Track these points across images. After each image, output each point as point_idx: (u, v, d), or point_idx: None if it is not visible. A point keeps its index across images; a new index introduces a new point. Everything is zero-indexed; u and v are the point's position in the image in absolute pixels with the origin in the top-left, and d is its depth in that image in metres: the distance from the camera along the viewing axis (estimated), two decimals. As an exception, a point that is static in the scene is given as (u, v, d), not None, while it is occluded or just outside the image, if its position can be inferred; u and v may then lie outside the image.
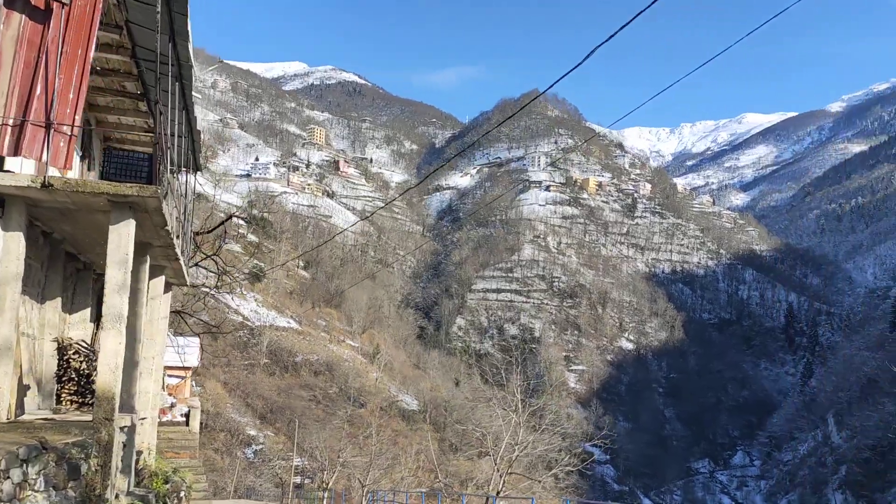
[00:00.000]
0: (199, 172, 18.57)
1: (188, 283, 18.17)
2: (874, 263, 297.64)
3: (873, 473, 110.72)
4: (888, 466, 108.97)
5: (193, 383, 38.12)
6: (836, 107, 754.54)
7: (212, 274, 25.27)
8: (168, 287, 17.88)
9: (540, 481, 29.90)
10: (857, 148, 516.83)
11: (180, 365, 30.76)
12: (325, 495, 37.42)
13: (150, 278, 15.19)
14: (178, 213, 17.36)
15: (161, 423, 27.32)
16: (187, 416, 28.15)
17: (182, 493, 15.22)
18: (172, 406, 28.25)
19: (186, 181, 18.36)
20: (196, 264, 20.44)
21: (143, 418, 14.61)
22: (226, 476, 68.46)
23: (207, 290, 28.18)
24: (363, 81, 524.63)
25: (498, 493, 25.02)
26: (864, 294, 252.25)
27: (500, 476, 25.64)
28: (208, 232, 21.25)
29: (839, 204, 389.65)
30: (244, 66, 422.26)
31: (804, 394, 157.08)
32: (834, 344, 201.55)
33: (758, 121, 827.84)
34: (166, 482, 14.55)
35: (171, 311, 22.17)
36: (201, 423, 75.92)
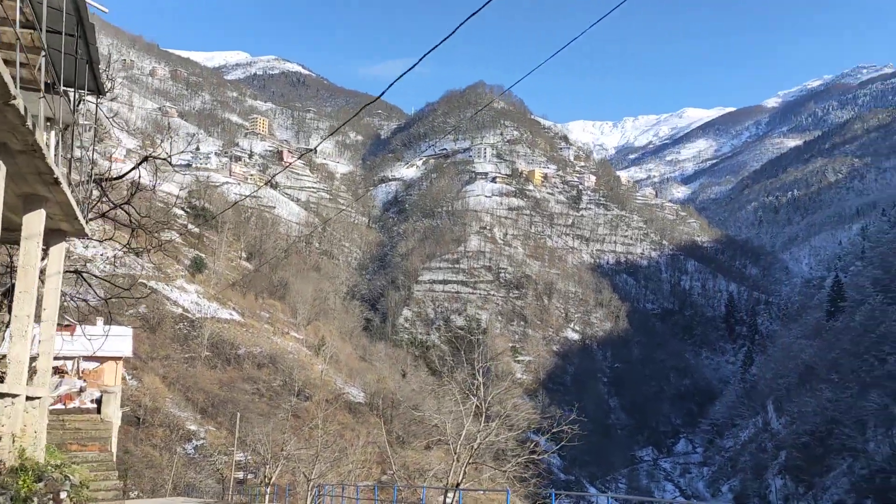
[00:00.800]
0: (100, 97, 16.10)
1: (85, 230, 15.28)
2: (809, 254, 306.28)
3: (812, 458, 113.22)
4: (826, 451, 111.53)
5: (127, 375, 35.92)
6: (772, 102, 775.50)
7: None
8: (59, 235, 15.02)
9: (505, 471, 28.63)
10: (792, 142, 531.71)
11: (106, 355, 28.56)
12: (268, 491, 35.53)
13: (25, 211, 12.42)
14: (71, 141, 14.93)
15: (67, 411, 24.96)
16: (99, 402, 25.06)
17: (64, 494, 12.11)
18: (82, 391, 25.22)
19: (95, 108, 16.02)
20: (103, 215, 17.60)
21: (11, 395, 11.47)
22: (165, 473, 65.99)
23: (119, 250, 24.86)
24: (307, 72, 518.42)
25: (458, 484, 23.71)
26: (801, 284, 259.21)
27: (462, 466, 24.26)
28: (118, 178, 18.34)
29: (776, 196, 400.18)
30: (184, 54, 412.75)
31: (745, 381, 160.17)
32: (772, 333, 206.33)
33: (698, 115, 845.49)
34: (39, 480, 11.56)
35: (73, 272, 19.16)
36: (137, 418, 73.04)
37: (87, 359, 29.56)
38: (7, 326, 13.44)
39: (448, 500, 23.55)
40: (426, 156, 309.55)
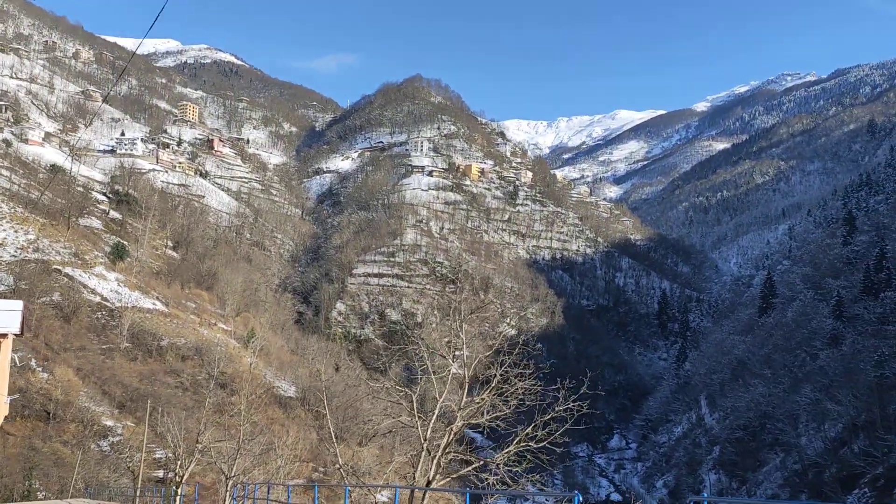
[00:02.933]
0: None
1: None
2: (737, 253, 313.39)
3: (745, 452, 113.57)
4: (760, 446, 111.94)
5: (15, 359, 31.26)
6: (701, 106, 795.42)
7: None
8: None
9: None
10: (721, 145, 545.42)
11: None
12: (178, 491, 30.95)
13: None
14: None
15: None
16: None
17: None
18: None
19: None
20: None
21: None
22: (76, 471, 60.69)
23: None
24: (240, 62, 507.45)
25: (429, 482, 20.01)
26: (730, 282, 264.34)
27: (433, 459, 20.52)
28: None
29: (706, 197, 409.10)
30: (111, 39, 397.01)
31: (678, 377, 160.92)
32: (704, 329, 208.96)
33: (630, 117, 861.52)
34: None
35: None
36: (46, 413, 67.20)
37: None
38: None
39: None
40: (362, 148, 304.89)
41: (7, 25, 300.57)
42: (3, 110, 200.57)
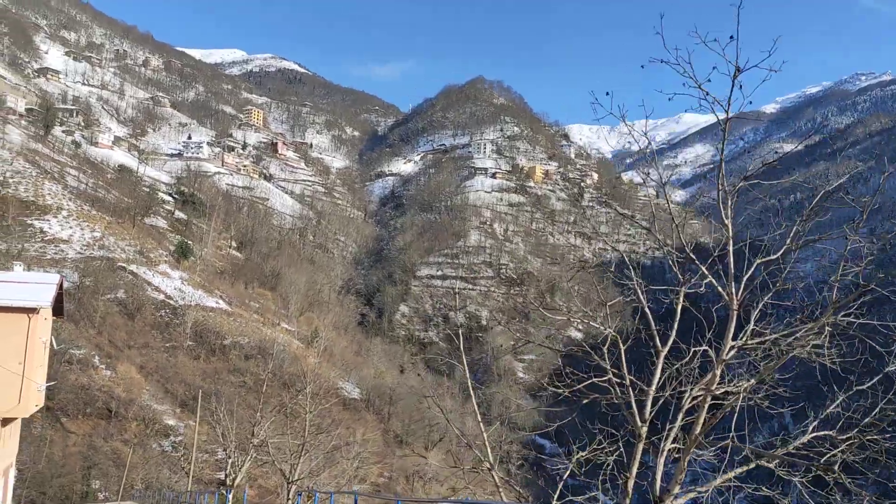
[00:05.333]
0: None
1: None
2: (813, 256, 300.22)
3: (844, 466, 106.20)
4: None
5: (52, 342, 28.24)
6: (770, 108, 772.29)
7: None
8: None
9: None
10: (791, 147, 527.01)
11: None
12: (230, 497, 26.91)
13: None
14: None
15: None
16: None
17: None
18: None
19: None
20: None
21: None
22: (136, 472, 58.60)
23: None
24: (303, 70, 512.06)
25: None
26: (809, 285, 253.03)
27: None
28: None
29: (778, 199, 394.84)
30: (180, 50, 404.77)
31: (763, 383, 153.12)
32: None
33: (695, 121, 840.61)
34: None
35: None
36: (109, 410, 65.33)
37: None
38: None
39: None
40: (424, 151, 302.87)
41: (80, 35, 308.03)
42: (75, 115, 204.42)
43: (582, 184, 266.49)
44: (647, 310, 12.79)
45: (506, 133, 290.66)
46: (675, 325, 12.62)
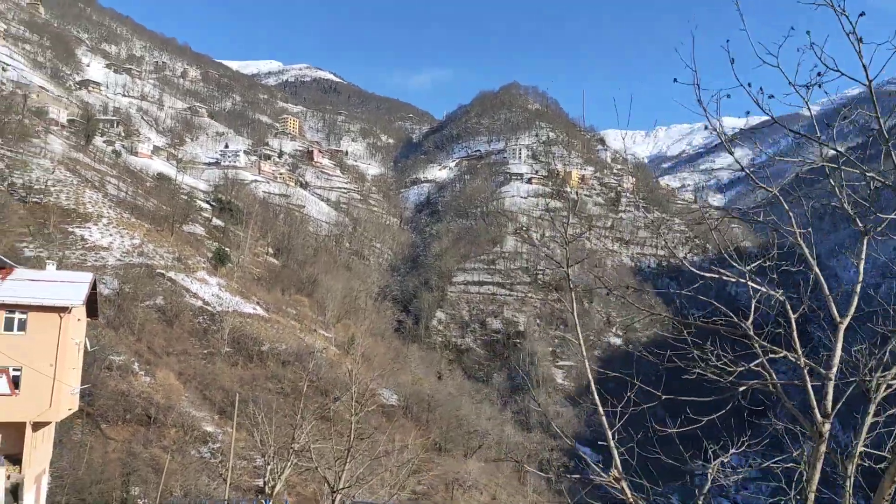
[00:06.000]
0: None
1: None
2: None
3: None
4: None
5: (87, 343, 27.53)
6: (808, 111, 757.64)
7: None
8: None
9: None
10: (830, 151, 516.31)
11: (37, 302, 20.16)
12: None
13: None
14: None
15: None
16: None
17: None
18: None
19: None
20: None
21: None
22: (175, 478, 58.18)
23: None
24: (338, 80, 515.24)
25: None
26: (851, 291, 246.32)
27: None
28: None
29: (821, 203, 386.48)
30: (217, 61, 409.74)
31: (805, 392, 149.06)
32: (826, 341, 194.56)
33: (733, 124, 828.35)
34: None
35: None
36: (148, 416, 65.13)
37: (10, 307, 21.42)
38: None
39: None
40: (459, 157, 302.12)
41: (121, 48, 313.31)
42: (115, 125, 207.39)
43: (619, 188, 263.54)
44: (818, 272, 10.69)
45: (541, 138, 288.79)
46: (858, 288, 10.75)
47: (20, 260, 67.21)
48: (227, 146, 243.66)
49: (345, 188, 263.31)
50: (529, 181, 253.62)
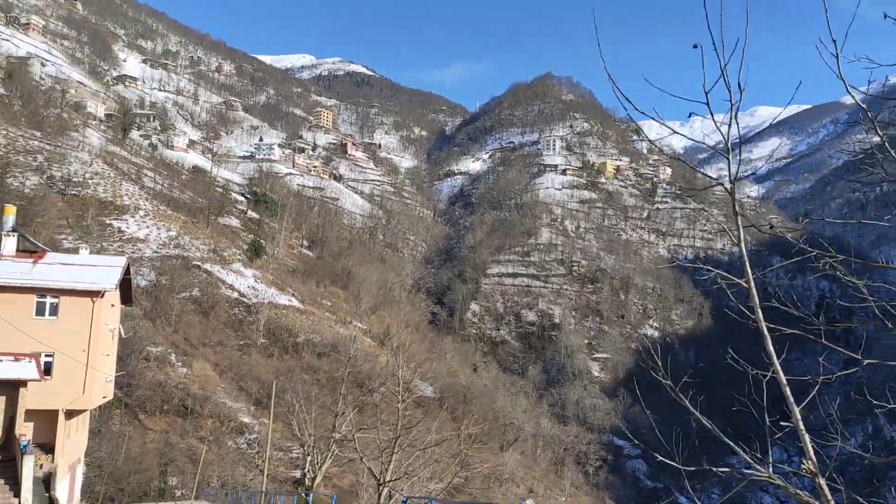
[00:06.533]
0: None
1: None
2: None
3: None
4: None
5: (121, 330, 26.96)
6: (850, 99, 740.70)
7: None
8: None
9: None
10: (877, 138, 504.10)
11: (68, 286, 19.52)
12: (310, 498, 24.43)
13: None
14: None
15: None
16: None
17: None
18: None
19: None
20: None
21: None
22: (211, 469, 58.11)
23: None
24: (371, 73, 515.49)
25: None
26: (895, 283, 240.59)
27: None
28: None
29: (863, 193, 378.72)
30: (251, 56, 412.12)
31: (848, 384, 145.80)
32: (870, 334, 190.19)
33: (770, 113, 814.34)
34: None
35: None
36: (185, 407, 65.18)
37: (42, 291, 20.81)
38: None
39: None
40: (492, 149, 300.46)
41: (157, 43, 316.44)
42: (152, 119, 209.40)
43: (655, 179, 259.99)
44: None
45: (575, 129, 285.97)
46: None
47: (58, 251, 67.58)
48: (261, 139, 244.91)
49: (378, 181, 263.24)
50: (564, 172, 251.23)
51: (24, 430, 21.93)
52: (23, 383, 21.74)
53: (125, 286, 25.15)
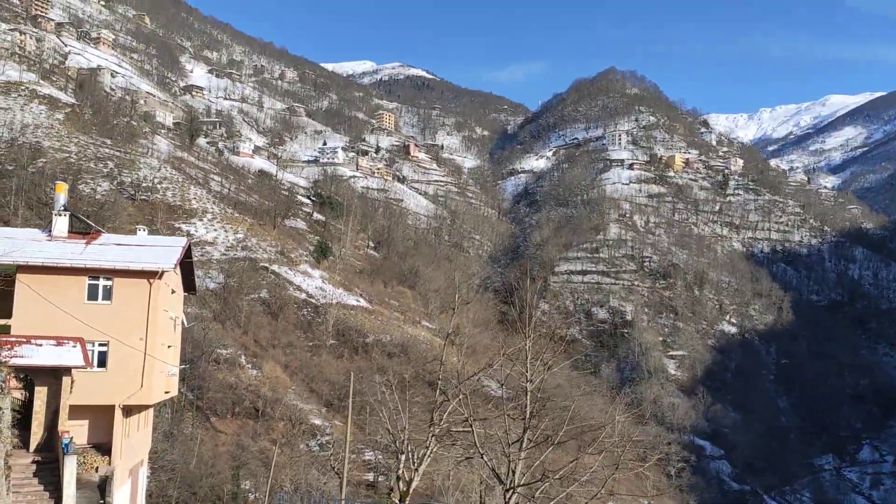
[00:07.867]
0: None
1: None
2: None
3: None
4: None
5: (184, 320, 25.12)
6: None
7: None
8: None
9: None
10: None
11: (123, 266, 17.69)
12: None
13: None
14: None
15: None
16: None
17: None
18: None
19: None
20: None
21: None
22: (284, 472, 56.75)
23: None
24: (431, 76, 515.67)
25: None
26: None
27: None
28: None
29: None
30: (313, 63, 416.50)
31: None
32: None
33: (843, 102, 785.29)
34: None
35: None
36: (256, 410, 63.95)
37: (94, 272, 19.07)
38: None
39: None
40: (556, 146, 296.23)
41: (221, 54, 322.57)
42: (218, 126, 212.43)
43: (726, 171, 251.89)
44: None
45: (641, 123, 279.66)
46: None
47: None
48: (325, 143, 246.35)
49: (442, 181, 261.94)
50: (631, 167, 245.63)
51: (67, 428, 20.19)
52: (67, 371, 19.91)
53: (187, 272, 23.45)
